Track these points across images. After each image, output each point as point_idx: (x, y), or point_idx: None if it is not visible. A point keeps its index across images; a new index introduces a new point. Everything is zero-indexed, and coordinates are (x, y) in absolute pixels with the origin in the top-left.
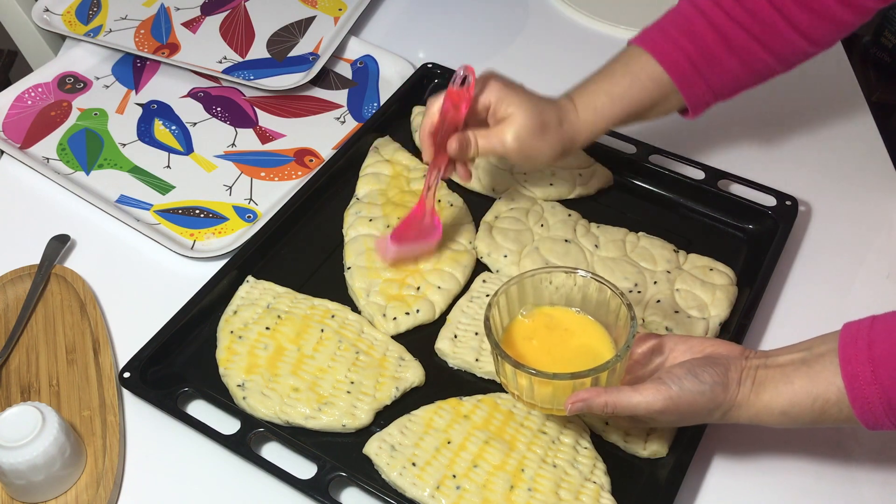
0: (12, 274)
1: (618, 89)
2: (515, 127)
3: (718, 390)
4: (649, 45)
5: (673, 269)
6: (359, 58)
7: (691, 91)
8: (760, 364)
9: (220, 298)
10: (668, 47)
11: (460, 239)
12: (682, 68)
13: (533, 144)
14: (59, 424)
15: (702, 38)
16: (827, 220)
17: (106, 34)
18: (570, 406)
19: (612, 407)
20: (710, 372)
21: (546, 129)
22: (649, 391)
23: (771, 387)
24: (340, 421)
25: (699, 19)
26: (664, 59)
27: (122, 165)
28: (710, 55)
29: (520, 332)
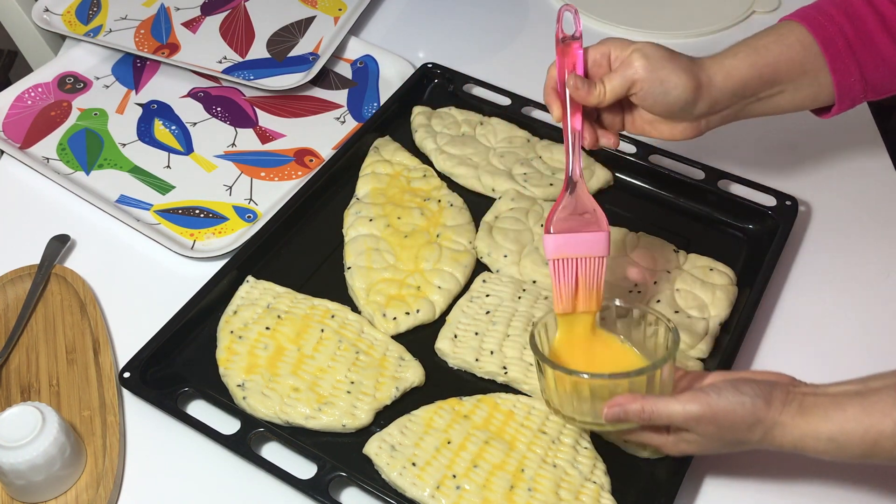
0: (12, 274)
1: (760, 42)
2: (641, 51)
3: (760, 404)
4: (800, 16)
5: (673, 269)
6: (359, 58)
7: (842, 75)
8: (809, 391)
9: (220, 298)
10: (822, 19)
11: (460, 239)
12: (836, 44)
13: (664, 66)
14: (59, 424)
15: (861, 17)
16: (827, 220)
17: (106, 34)
18: (607, 411)
19: (648, 412)
20: (751, 386)
21: (675, 54)
22: (687, 398)
23: (820, 412)
24: (340, 421)
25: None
26: (815, 28)
27: (122, 165)
28: (867, 38)
29: (563, 354)
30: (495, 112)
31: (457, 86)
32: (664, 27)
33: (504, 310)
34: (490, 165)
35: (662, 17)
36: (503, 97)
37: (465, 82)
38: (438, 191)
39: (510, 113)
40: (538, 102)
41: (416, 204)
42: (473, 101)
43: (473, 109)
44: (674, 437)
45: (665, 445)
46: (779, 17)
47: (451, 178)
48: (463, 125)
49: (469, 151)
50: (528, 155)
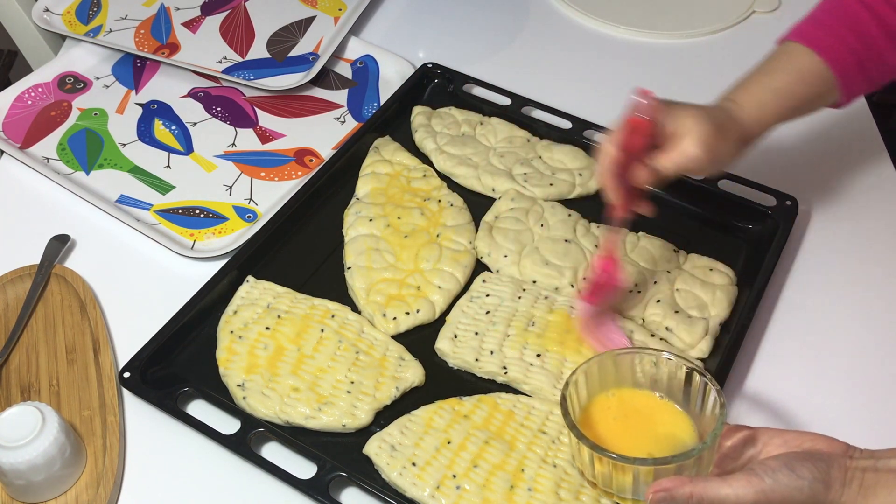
0: (12, 274)
1: (781, 85)
2: (696, 135)
3: (819, 488)
4: (810, 40)
5: (673, 269)
6: (359, 58)
7: (851, 87)
8: (869, 466)
9: (220, 298)
10: (832, 42)
11: (460, 239)
12: (848, 66)
13: (719, 147)
14: (59, 424)
15: (867, 33)
16: (827, 220)
17: (106, 34)
18: (651, 496)
19: (697, 498)
20: (808, 467)
21: (724, 130)
22: (739, 482)
23: (884, 492)
24: (340, 421)
25: (861, 10)
26: (829, 55)
27: (122, 165)
28: (874, 49)
29: (597, 415)
30: (495, 112)
31: (457, 86)
32: (664, 27)
33: (504, 310)
34: (490, 165)
35: (662, 17)
36: (503, 97)
37: (465, 82)
38: (438, 191)
39: (510, 113)
40: (538, 102)
41: (416, 204)
42: (473, 101)
43: (473, 109)
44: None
45: None
46: (779, 18)
47: (451, 178)
48: (463, 125)
49: (469, 151)
50: (528, 155)
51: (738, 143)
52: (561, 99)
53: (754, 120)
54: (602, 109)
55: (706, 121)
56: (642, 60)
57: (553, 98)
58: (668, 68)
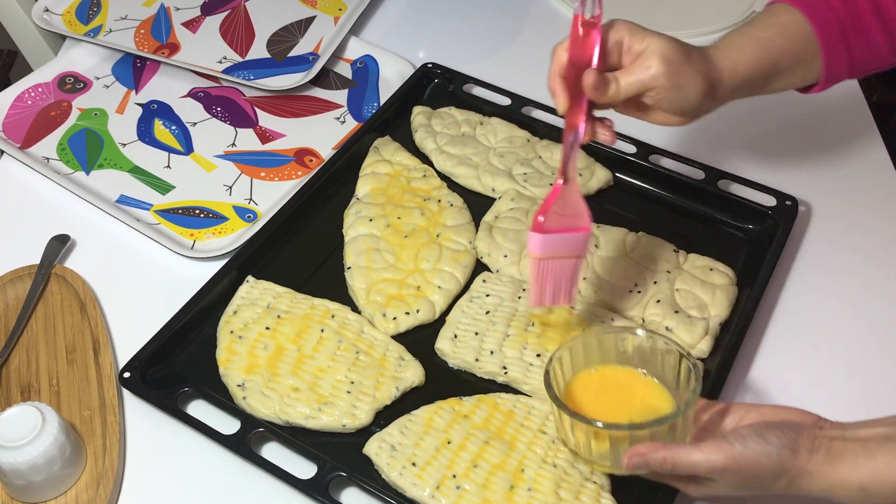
0: (12, 274)
1: (764, 34)
2: (659, 51)
3: (786, 454)
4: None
5: (673, 269)
6: (359, 58)
7: (832, 58)
8: (837, 436)
9: (220, 298)
10: (820, 6)
11: (460, 239)
12: (832, 30)
13: (683, 70)
14: (59, 424)
15: (856, 2)
16: (827, 220)
17: (106, 34)
18: (626, 461)
19: (670, 463)
20: (777, 434)
21: (690, 55)
22: (710, 448)
23: (849, 459)
24: (340, 421)
25: None
26: (814, 16)
27: (122, 165)
28: (860, 22)
29: (580, 389)
30: (495, 112)
31: (457, 86)
32: (664, 27)
33: (504, 310)
34: (490, 165)
35: (662, 17)
36: (503, 97)
37: (465, 82)
38: (438, 191)
39: (510, 113)
40: (538, 102)
41: (416, 204)
42: (473, 101)
43: (473, 109)
44: (696, 483)
45: (687, 489)
46: None
47: (451, 178)
48: (463, 125)
49: (469, 151)
50: (528, 155)
51: (705, 76)
52: None
53: (730, 62)
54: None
55: (672, 42)
56: None
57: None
58: None
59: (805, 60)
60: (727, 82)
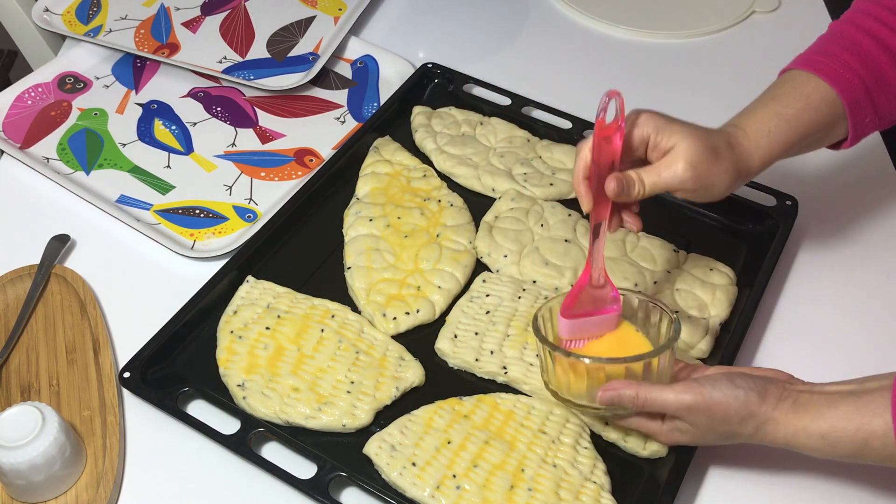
0: (12, 274)
1: (790, 111)
2: (685, 154)
3: (753, 398)
4: (817, 67)
5: (673, 269)
6: (359, 58)
7: (859, 118)
8: (805, 389)
9: (220, 298)
10: (840, 70)
11: (460, 239)
12: (855, 91)
13: (709, 170)
14: (59, 424)
15: (874, 59)
16: (827, 220)
17: (106, 34)
18: (601, 394)
19: (642, 399)
20: (747, 380)
21: (718, 153)
22: (681, 387)
23: (813, 409)
24: (340, 421)
25: (867, 40)
26: (837, 82)
27: (122, 165)
28: (881, 77)
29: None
30: (495, 112)
31: (457, 86)
32: (664, 27)
33: (504, 310)
34: (490, 165)
35: (662, 17)
36: (503, 97)
37: (465, 82)
38: (438, 191)
39: (510, 113)
40: (538, 102)
41: (416, 204)
42: (473, 101)
43: (473, 109)
44: (667, 426)
45: (658, 433)
46: (779, 18)
47: (451, 178)
48: (463, 125)
49: (469, 151)
50: (528, 155)
51: (733, 173)
52: (561, 99)
53: (761, 148)
54: None
55: (700, 141)
56: (642, 60)
57: (553, 98)
58: (668, 68)
59: (831, 125)
60: (757, 168)
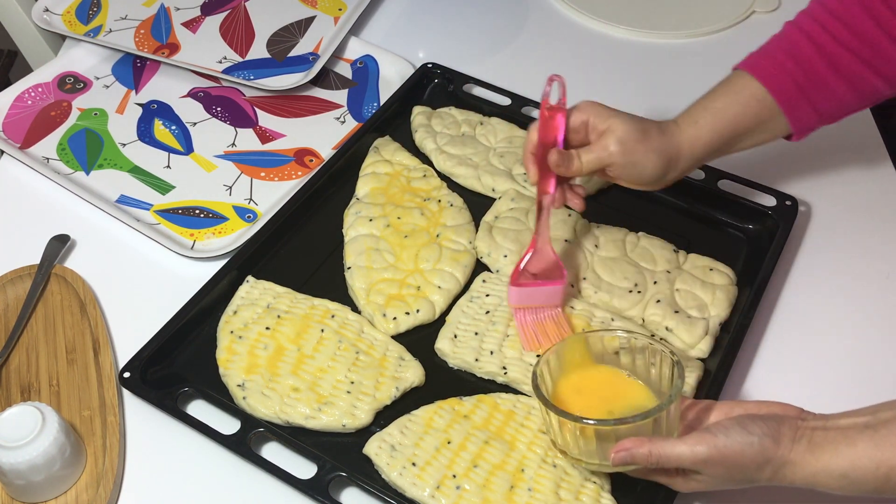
0: (12, 274)
1: (718, 104)
2: (617, 133)
3: (768, 443)
4: (752, 67)
5: (673, 269)
6: (359, 58)
7: (796, 114)
8: (819, 426)
9: (220, 298)
10: (773, 69)
11: (460, 239)
12: (788, 90)
13: (637, 149)
14: (59, 424)
15: (806, 59)
16: (827, 220)
17: (106, 34)
18: (614, 456)
19: (655, 455)
20: (759, 424)
21: (648, 135)
22: (693, 440)
23: (830, 448)
24: (340, 421)
25: (805, 43)
26: (767, 80)
27: (122, 165)
28: (816, 77)
29: (568, 390)
30: (495, 112)
31: (457, 86)
32: (664, 27)
33: (504, 310)
34: (490, 165)
35: (662, 17)
36: (503, 97)
37: (465, 82)
38: (438, 191)
39: (510, 113)
40: (538, 102)
41: (416, 204)
42: (473, 101)
43: (473, 109)
44: (683, 477)
45: (674, 484)
46: (779, 18)
47: (451, 178)
48: (463, 125)
49: (469, 151)
50: None
51: (661, 154)
52: None
53: (689, 137)
54: None
55: (632, 123)
56: (642, 60)
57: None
58: (668, 68)
59: (766, 120)
60: (687, 154)
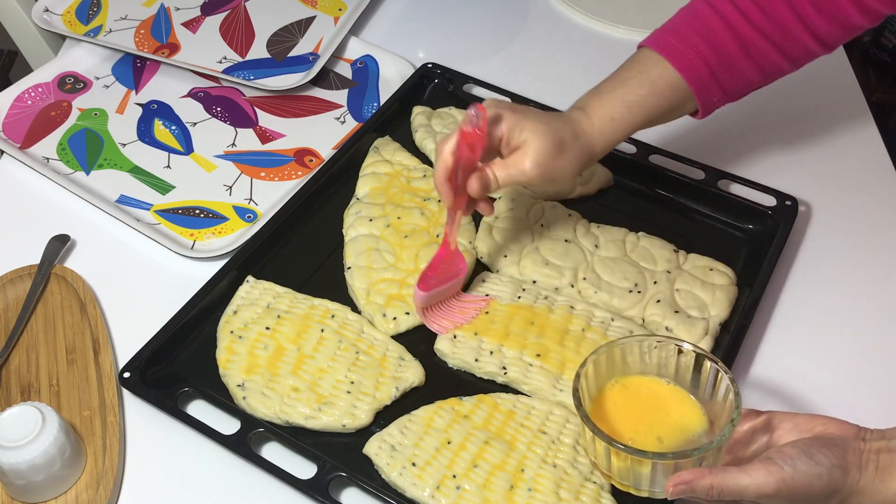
0: (12, 274)
1: (634, 97)
2: (532, 152)
3: (837, 474)
4: (667, 50)
5: (673, 269)
6: (359, 58)
7: (707, 97)
8: (882, 447)
9: (220, 298)
10: (688, 53)
11: (460, 239)
12: (701, 76)
13: (553, 165)
14: (59, 424)
15: (721, 44)
16: (827, 220)
17: (106, 34)
18: (672, 489)
19: (718, 489)
20: (825, 454)
21: (563, 148)
22: (759, 472)
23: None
24: (340, 421)
25: (719, 24)
26: (683, 67)
27: (122, 165)
28: (728, 61)
29: (607, 403)
30: None
31: (457, 86)
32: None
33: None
34: None
35: (662, 18)
36: (503, 97)
37: (465, 82)
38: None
39: None
40: (538, 102)
41: (416, 204)
42: (473, 101)
43: None
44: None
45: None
46: None
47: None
48: None
49: None
50: None
51: (578, 161)
52: (561, 99)
53: (605, 135)
54: None
55: (547, 138)
56: None
57: (553, 98)
58: None
59: (677, 107)
60: (599, 150)
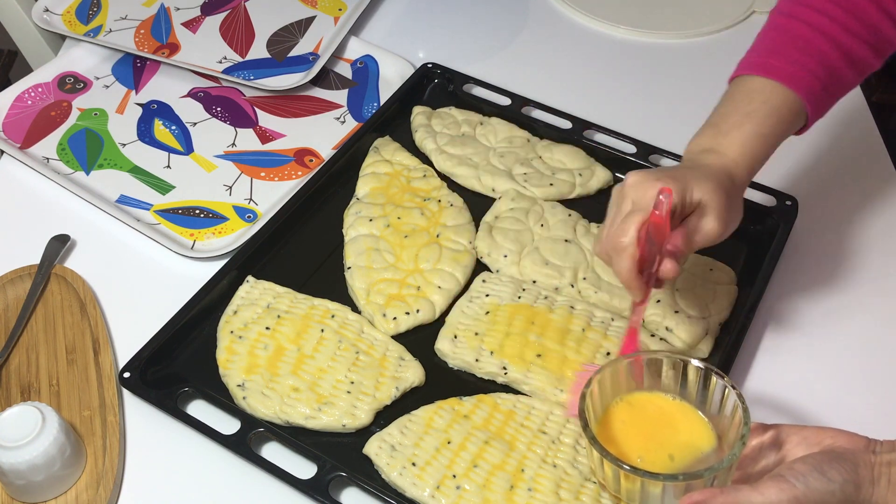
0: (12, 274)
1: (767, 129)
2: (713, 211)
3: (850, 490)
4: (778, 74)
5: None
6: (359, 58)
7: (819, 112)
8: (894, 460)
9: (220, 298)
10: (799, 73)
11: (460, 239)
12: (815, 92)
13: (731, 217)
14: (59, 424)
15: (825, 55)
16: (827, 220)
17: (106, 34)
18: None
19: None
20: (838, 469)
21: (731, 195)
22: (771, 490)
23: None
24: (340, 421)
25: (815, 36)
26: (801, 88)
27: (122, 165)
28: (835, 73)
29: (613, 421)
30: (495, 112)
31: (457, 86)
32: (664, 27)
33: (504, 310)
34: (490, 165)
35: (662, 17)
36: (503, 97)
37: (465, 82)
38: (438, 191)
39: (510, 113)
40: (538, 102)
41: (416, 204)
42: (473, 101)
43: (473, 109)
44: None
45: None
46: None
47: (451, 178)
48: (463, 125)
49: (469, 151)
50: (528, 155)
51: (741, 202)
52: (561, 99)
53: (751, 173)
54: (602, 109)
55: (718, 192)
56: (642, 60)
57: (553, 98)
58: (668, 68)
59: (795, 126)
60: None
